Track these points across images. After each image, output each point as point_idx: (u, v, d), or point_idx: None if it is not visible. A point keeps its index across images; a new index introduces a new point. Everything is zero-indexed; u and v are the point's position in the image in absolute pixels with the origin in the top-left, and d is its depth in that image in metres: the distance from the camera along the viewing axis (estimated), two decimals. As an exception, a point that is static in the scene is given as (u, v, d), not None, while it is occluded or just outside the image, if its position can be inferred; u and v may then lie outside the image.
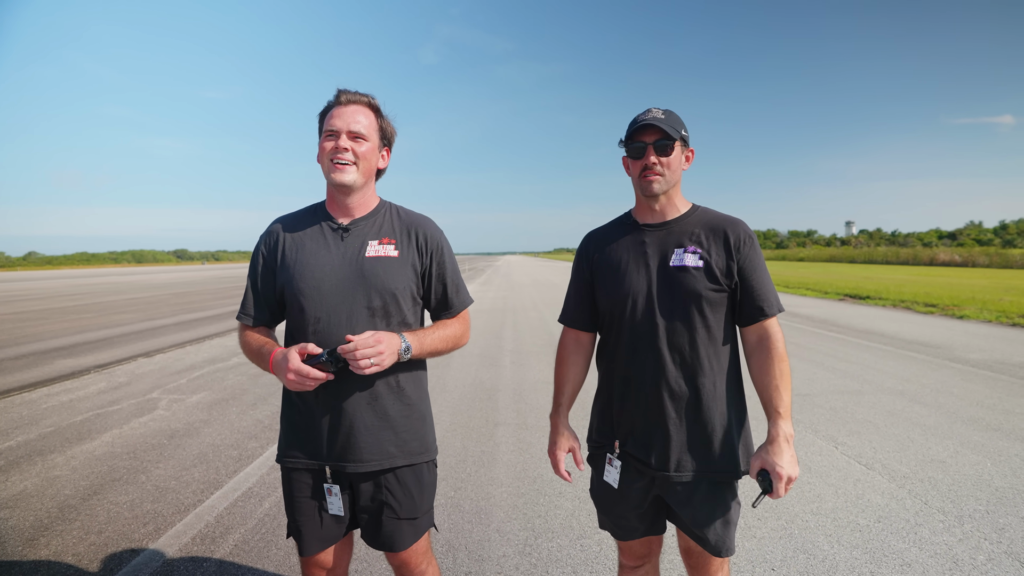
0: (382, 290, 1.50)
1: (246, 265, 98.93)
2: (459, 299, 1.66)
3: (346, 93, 1.52)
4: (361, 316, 1.48)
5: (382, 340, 1.40)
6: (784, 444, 1.39)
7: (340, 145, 1.47)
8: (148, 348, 8.64)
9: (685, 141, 1.53)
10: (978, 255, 42.31)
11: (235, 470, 3.68)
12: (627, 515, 1.61)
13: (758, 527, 2.83)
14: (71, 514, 3.09)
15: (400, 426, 1.54)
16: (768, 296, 1.49)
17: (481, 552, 2.66)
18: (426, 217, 1.65)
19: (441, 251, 1.61)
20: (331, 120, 1.49)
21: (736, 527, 1.56)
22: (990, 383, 5.69)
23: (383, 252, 1.52)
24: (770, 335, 1.48)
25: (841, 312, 12.27)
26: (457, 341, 1.63)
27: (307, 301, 1.49)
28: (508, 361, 7.19)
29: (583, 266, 1.67)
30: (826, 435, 4.19)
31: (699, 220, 1.55)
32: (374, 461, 1.51)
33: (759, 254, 1.52)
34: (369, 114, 1.53)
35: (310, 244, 1.53)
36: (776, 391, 1.44)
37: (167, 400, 5.49)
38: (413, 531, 1.57)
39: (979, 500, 3.09)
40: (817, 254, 69.60)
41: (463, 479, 3.50)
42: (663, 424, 1.49)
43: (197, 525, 2.93)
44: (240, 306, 1.62)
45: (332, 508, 1.53)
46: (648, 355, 1.50)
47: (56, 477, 3.61)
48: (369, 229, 1.55)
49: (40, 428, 4.64)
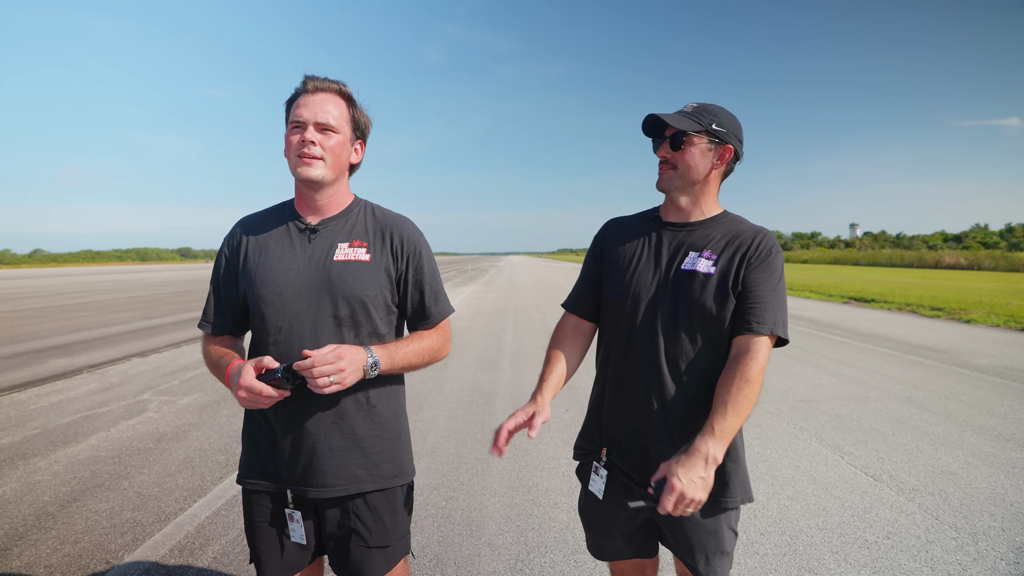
0: (350, 298, 1.36)
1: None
2: (437, 308, 1.51)
3: (314, 80, 1.37)
4: (327, 326, 1.35)
5: (343, 356, 1.25)
6: (698, 460, 1.18)
7: (307, 138, 1.33)
8: (144, 348, 8.55)
9: (719, 137, 1.36)
10: (984, 258, 41.99)
11: (220, 476, 3.57)
12: (612, 534, 1.50)
13: (761, 543, 2.71)
14: (48, 522, 2.98)
15: (370, 447, 1.40)
16: (762, 313, 1.30)
17: (470, 568, 2.54)
18: (404, 217, 1.52)
19: (419, 255, 1.46)
20: (297, 110, 1.35)
21: (731, 558, 1.43)
22: (1000, 390, 5.54)
23: (353, 256, 1.38)
24: (748, 351, 1.28)
25: (845, 315, 12.10)
26: (435, 355, 1.49)
27: (268, 308, 1.36)
28: (507, 364, 7.07)
29: (596, 253, 1.57)
30: (831, 444, 4.06)
31: (724, 227, 1.41)
32: (339, 486, 1.37)
33: (774, 270, 1.34)
34: (340, 103, 1.39)
35: (274, 246, 1.40)
36: (723, 408, 1.23)
37: (158, 402, 5.39)
38: (385, 560, 1.43)
39: (993, 516, 2.95)
40: (821, 256, 69.27)
41: (455, 488, 3.38)
42: (651, 437, 1.37)
43: (177, 535, 2.82)
44: (202, 313, 1.50)
45: (293, 536, 1.40)
46: (643, 360, 1.38)
47: (37, 482, 3.51)
48: (339, 230, 1.42)
49: (26, 430, 4.54)
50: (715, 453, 1.19)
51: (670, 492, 1.15)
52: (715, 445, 1.19)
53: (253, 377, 1.25)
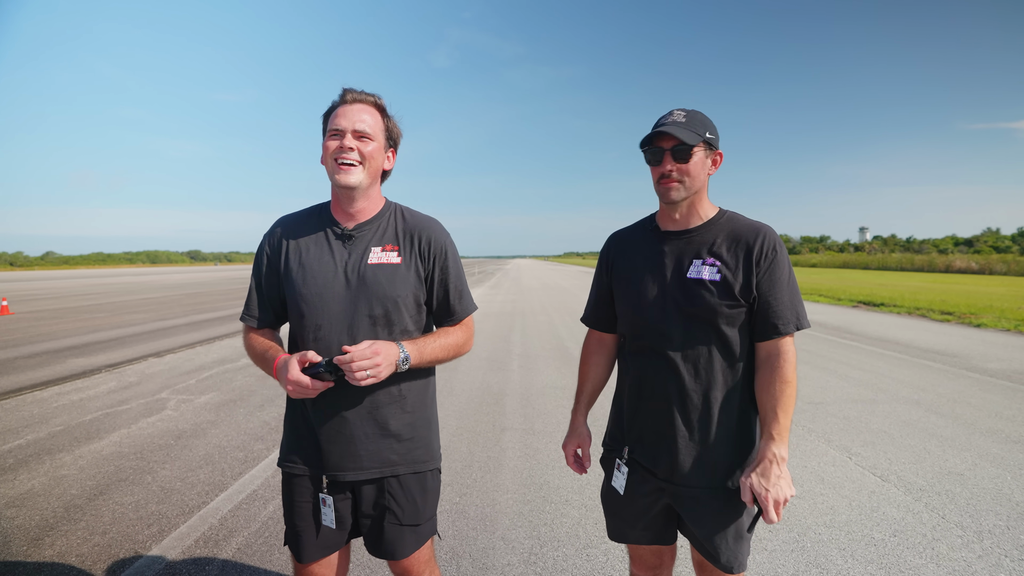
0: (383, 298, 1.46)
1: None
2: (462, 306, 1.60)
3: (352, 92, 1.47)
4: (363, 324, 1.46)
5: (379, 352, 1.36)
6: (770, 466, 1.34)
7: (345, 144, 1.42)
8: (159, 348, 8.71)
9: (710, 144, 1.44)
10: (995, 262, 41.57)
11: (240, 472, 3.67)
12: (633, 521, 1.59)
13: (770, 539, 2.76)
14: (77, 514, 3.09)
15: (403, 434, 1.52)
16: (784, 313, 1.40)
17: (485, 560, 2.62)
18: (432, 219, 1.61)
19: (445, 256, 1.56)
20: (336, 119, 1.45)
21: (749, 543, 1.51)
22: (1009, 394, 5.55)
23: (385, 259, 1.48)
24: (780, 353, 1.40)
25: (855, 319, 12.08)
26: (459, 349, 1.59)
27: (308, 308, 1.46)
28: (516, 365, 7.15)
29: (605, 268, 1.65)
30: (839, 445, 4.10)
31: (722, 229, 1.46)
32: (375, 468, 1.49)
33: (783, 267, 1.42)
34: (375, 113, 1.49)
35: (314, 249, 1.50)
36: (773, 413, 1.37)
37: (175, 400, 5.51)
38: (415, 538, 1.55)
39: (999, 515, 2.99)
40: (830, 260, 68.83)
41: (468, 485, 3.46)
42: (672, 435, 1.45)
43: (201, 527, 2.92)
44: (244, 307, 1.60)
45: (325, 519, 1.50)
46: (660, 365, 1.46)
47: (63, 476, 3.62)
48: (372, 234, 1.52)
49: (50, 427, 4.67)
50: (781, 453, 1.35)
51: (766, 502, 1.32)
52: (778, 447, 1.36)
53: (299, 371, 1.36)
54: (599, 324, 1.68)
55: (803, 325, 1.42)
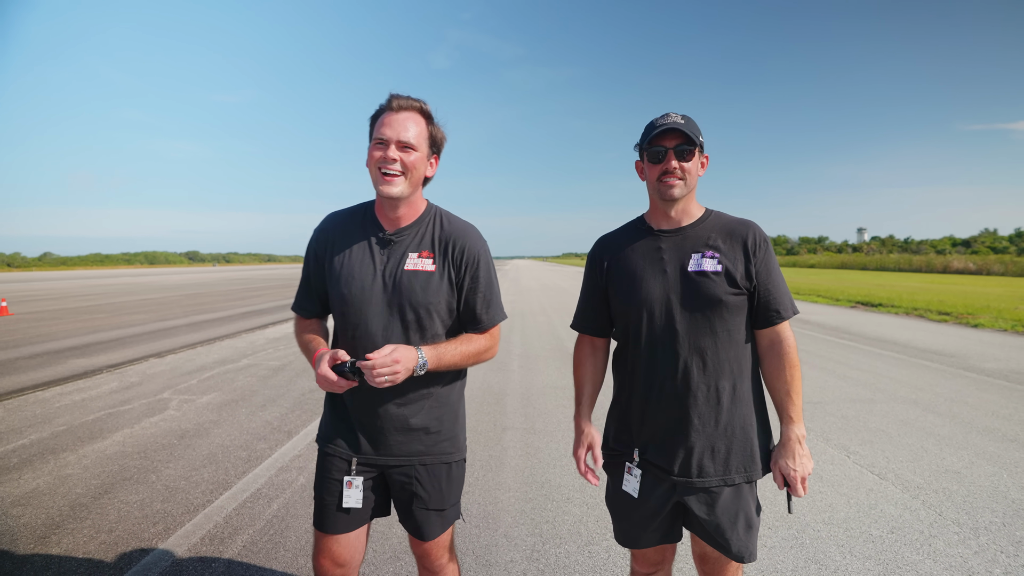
0: (416, 305, 1.53)
1: (255, 268, 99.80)
2: (488, 316, 1.63)
3: (398, 99, 1.50)
4: (396, 328, 1.54)
5: (399, 360, 1.42)
6: (796, 446, 1.50)
7: (389, 155, 1.47)
8: (160, 348, 8.72)
9: (701, 147, 1.53)
10: (993, 263, 41.71)
11: (244, 471, 3.70)
12: (644, 523, 1.58)
13: (769, 536, 2.80)
14: (82, 512, 3.12)
15: (430, 428, 1.60)
16: (783, 299, 1.52)
17: (488, 557, 2.65)
18: (469, 227, 1.65)
19: (476, 265, 1.60)
20: (381, 128, 1.48)
21: (758, 532, 1.55)
22: (1006, 393, 5.60)
23: (421, 266, 1.54)
24: (783, 339, 1.51)
25: (853, 319, 12.13)
26: (480, 356, 1.63)
27: (348, 309, 1.55)
28: (516, 365, 7.18)
29: (596, 272, 1.65)
30: (838, 444, 4.14)
31: (714, 225, 1.55)
32: (403, 457, 1.59)
33: (773, 257, 1.53)
34: (420, 121, 1.52)
35: (357, 252, 1.58)
36: (788, 396, 1.51)
37: (178, 400, 5.53)
38: (441, 522, 1.64)
39: (995, 512, 3.03)
40: (828, 260, 68.98)
41: (470, 483, 3.49)
42: (686, 430, 1.48)
43: (206, 525, 2.95)
44: (295, 298, 1.71)
45: (347, 500, 1.58)
46: (669, 361, 1.49)
47: (68, 476, 3.65)
48: (411, 240, 1.58)
49: (53, 427, 4.69)
50: (801, 432, 1.51)
51: (796, 481, 1.49)
52: (799, 427, 1.51)
53: (328, 367, 1.46)
54: (592, 329, 1.69)
55: (796, 310, 1.54)
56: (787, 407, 1.51)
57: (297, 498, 3.27)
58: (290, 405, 5.31)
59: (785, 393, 1.51)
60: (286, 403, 5.38)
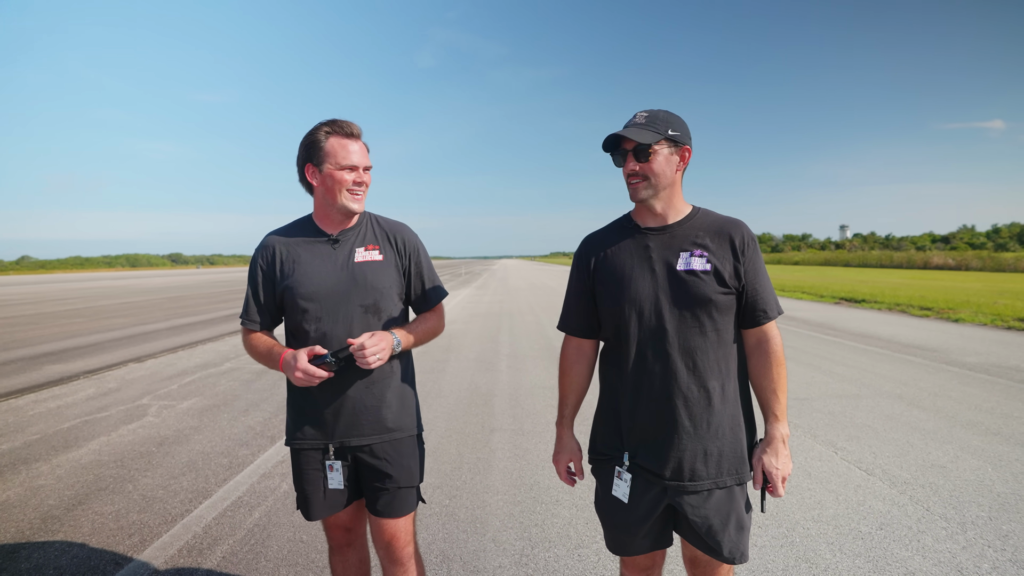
0: (371, 290, 1.72)
1: (241, 269, 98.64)
2: (435, 294, 1.88)
3: (351, 126, 1.68)
4: (356, 313, 1.71)
5: (382, 341, 1.63)
6: (780, 445, 1.48)
7: (364, 180, 1.71)
8: (140, 353, 8.53)
9: (675, 141, 1.45)
10: (971, 259, 42.52)
11: (225, 479, 3.60)
12: (635, 528, 1.54)
13: (759, 535, 2.78)
14: (54, 525, 3.00)
15: (395, 404, 1.76)
16: (769, 299, 1.50)
17: (476, 563, 2.59)
18: (402, 223, 1.88)
19: (418, 252, 1.85)
20: (349, 155, 1.67)
21: (749, 533, 1.52)
22: (988, 387, 5.67)
23: (369, 257, 1.75)
24: (769, 338, 1.50)
25: (837, 315, 12.26)
26: (435, 331, 1.89)
27: (310, 304, 1.70)
28: (504, 366, 7.13)
29: (583, 272, 1.61)
30: (825, 440, 4.15)
31: (702, 223, 1.51)
32: (375, 435, 1.73)
33: (760, 256, 1.51)
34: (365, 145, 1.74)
35: (305, 255, 1.74)
36: (774, 395, 1.50)
37: (157, 406, 5.40)
38: (409, 497, 1.79)
39: (981, 506, 3.04)
40: (812, 257, 69.87)
41: (458, 487, 3.43)
42: (677, 432, 1.44)
43: (184, 536, 2.85)
44: (243, 312, 1.82)
45: (331, 483, 1.73)
46: (658, 362, 1.45)
47: (40, 486, 3.52)
48: (355, 237, 1.77)
49: (26, 435, 4.54)
50: (785, 432, 1.50)
51: (778, 480, 1.47)
52: (783, 426, 1.49)
53: (307, 362, 1.59)
54: (579, 330, 1.64)
55: (781, 310, 1.53)
56: (773, 405, 1.49)
57: (280, 505, 3.19)
58: (274, 409, 5.20)
59: (771, 391, 1.49)
60: (269, 407, 5.27)
